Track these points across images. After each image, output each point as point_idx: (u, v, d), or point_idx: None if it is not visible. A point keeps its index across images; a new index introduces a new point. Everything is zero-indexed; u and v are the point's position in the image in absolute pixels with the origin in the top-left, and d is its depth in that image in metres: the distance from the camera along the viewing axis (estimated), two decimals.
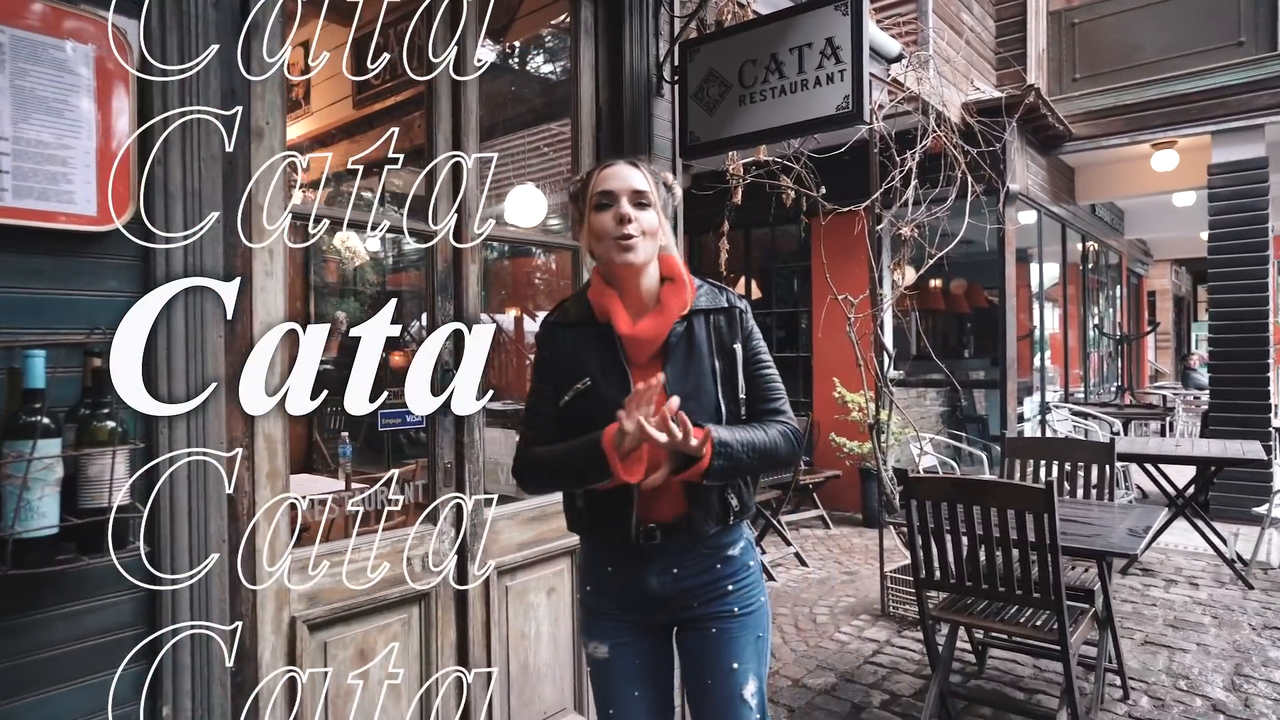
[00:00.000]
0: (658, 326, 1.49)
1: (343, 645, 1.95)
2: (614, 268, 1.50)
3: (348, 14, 1.85)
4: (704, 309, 1.54)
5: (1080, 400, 8.25)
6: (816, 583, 4.74)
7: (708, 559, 1.53)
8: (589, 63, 2.65)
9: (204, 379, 1.60)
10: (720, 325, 1.54)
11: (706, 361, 1.50)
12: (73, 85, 1.41)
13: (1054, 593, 2.49)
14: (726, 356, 1.52)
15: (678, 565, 1.52)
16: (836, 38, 2.42)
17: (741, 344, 1.55)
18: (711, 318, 1.54)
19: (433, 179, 2.18)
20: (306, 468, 4.52)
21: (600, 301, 1.52)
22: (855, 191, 4.48)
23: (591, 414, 1.47)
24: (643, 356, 1.51)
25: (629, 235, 1.45)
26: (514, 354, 7.08)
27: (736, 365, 1.53)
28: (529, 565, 2.41)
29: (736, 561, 1.56)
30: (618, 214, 1.46)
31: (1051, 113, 6.21)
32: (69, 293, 1.44)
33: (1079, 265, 8.94)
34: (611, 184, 1.49)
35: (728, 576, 1.54)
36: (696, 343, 1.51)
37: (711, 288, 1.59)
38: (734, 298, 1.59)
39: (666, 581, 1.52)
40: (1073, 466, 3.64)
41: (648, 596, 1.53)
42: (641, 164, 1.53)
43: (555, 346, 1.57)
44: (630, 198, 1.48)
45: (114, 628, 1.50)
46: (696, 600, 1.54)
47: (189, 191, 1.58)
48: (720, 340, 1.53)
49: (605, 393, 1.48)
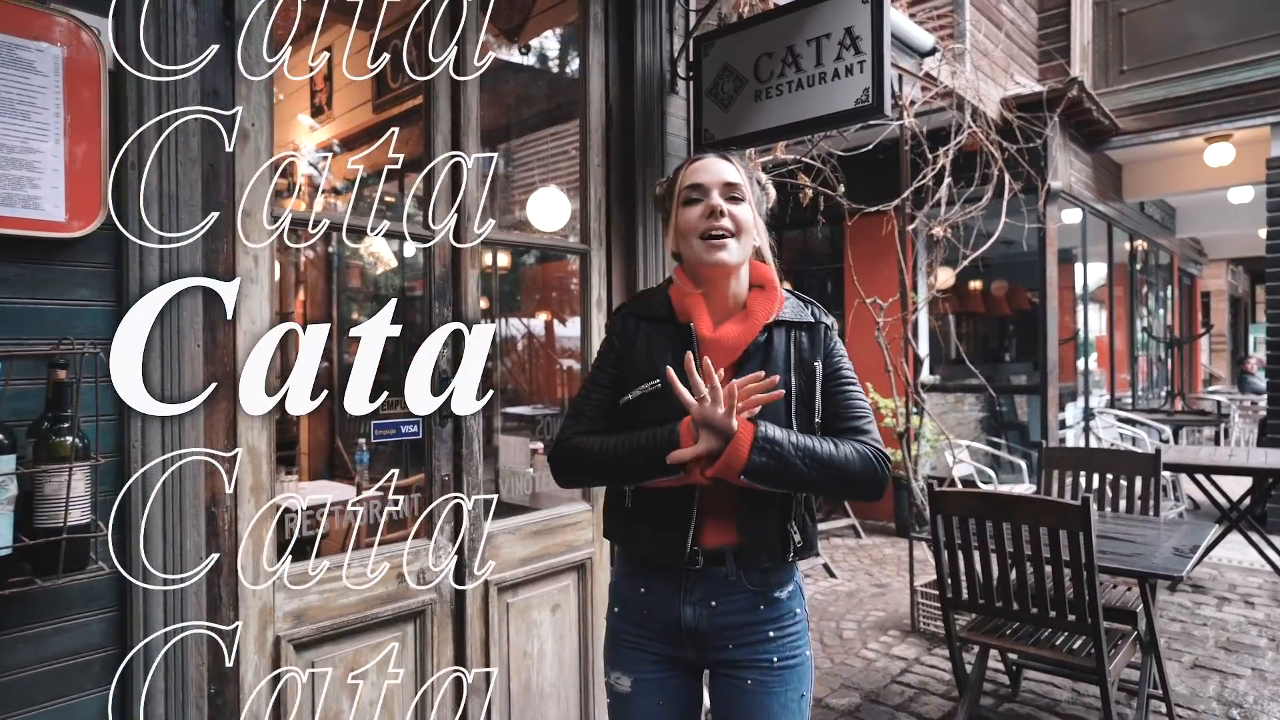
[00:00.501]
0: (742, 334, 1.37)
1: (332, 665, 1.88)
2: (702, 269, 1.38)
3: (347, 12, 1.77)
4: (787, 321, 1.41)
5: (1127, 406, 7.91)
6: (845, 595, 4.58)
7: (751, 598, 1.38)
8: (599, 60, 2.56)
9: (180, 390, 1.55)
10: (802, 341, 1.41)
11: (781, 378, 1.36)
12: (40, 87, 1.36)
13: (1090, 616, 2.32)
14: (805, 375, 1.39)
15: (716, 598, 1.38)
16: (856, 27, 2.30)
17: (822, 361, 1.41)
18: (793, 332, 1.41)
19: (431, 180, 2.11)
20: (328, 474, 4.51)
21: (682, 300, 1.41)
22: (888, 191, 4.32)
23: (654, 418, 1.35)
24: (719, 364, 1.36)
25: (721, 231, 1.34)
26: (544, 359, 7.04)
27: (815, 385, 1.39)
28: (532, 581, 2.33)
29: (782, 606, 1.40)
30: (708, 207, 1.35)
31: (1096, 106, 5.95)
32: (37, 302, 1.39)
33: (1127, 265, 8.59)
34: (701, 176, 1.38)
35: (770, 621, 1.39)
36: (774, 356, 1.39)
37: (798, 300, 1.46)
38: (820, 312, 1.46)
39: (702, 614, 1.38)
40: (1115, 478, 3.44)
41: (679, 627, 1.39)
42: (734, 157, 1.42)
43: (627, 338, 1.45)
44: (722, 191, 1.36)
45: (84, 649, 1.45)
46: (732, 641, 1.38)
47: (166, 196, 1.52)
48: (800, 356, 1.40)
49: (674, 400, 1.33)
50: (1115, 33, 6.75)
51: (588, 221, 2.54)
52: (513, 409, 6.60)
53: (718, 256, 1.33)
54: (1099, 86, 6.60)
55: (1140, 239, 8.63)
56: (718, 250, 1.33)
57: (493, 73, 3.75)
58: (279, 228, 1.67)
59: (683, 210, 1.37)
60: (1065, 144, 6.05)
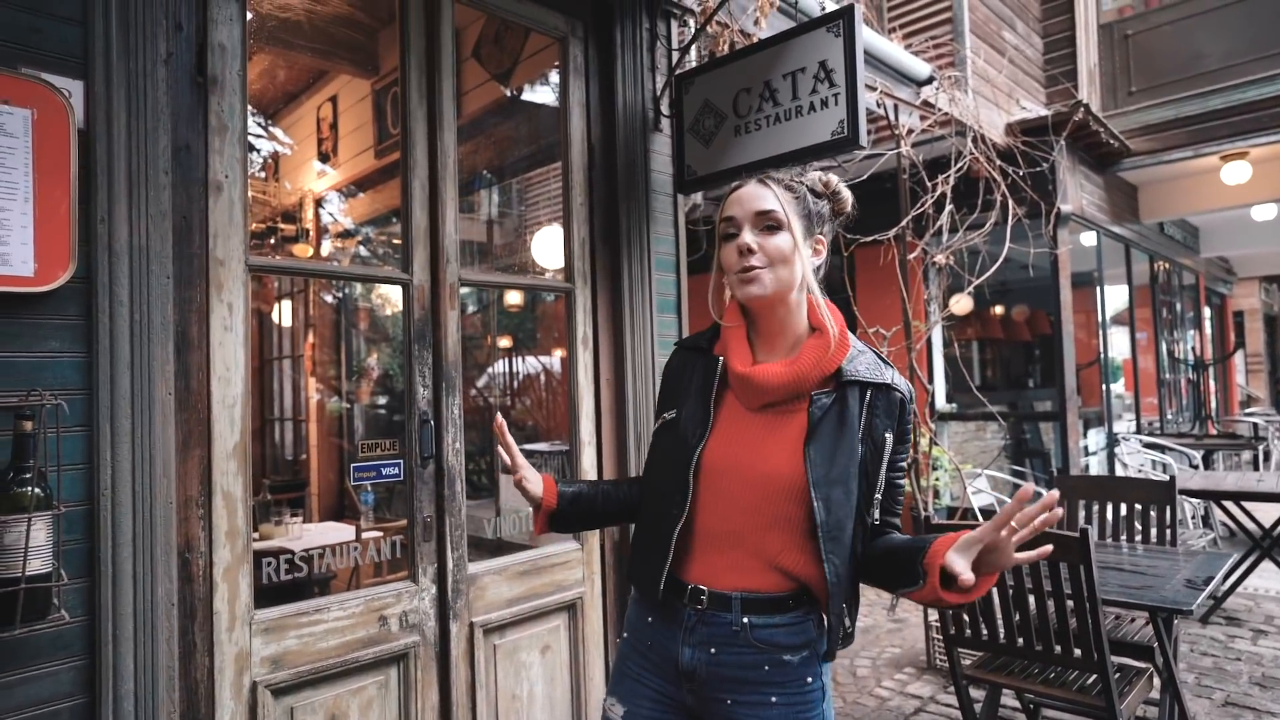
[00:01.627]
0: (781, 375, 1.27)
1: (311, 710, 1.87)
2: (747, 303, 1.33)
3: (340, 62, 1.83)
4: (862, 380, 1.28)
5: (1156, 431, 7.70)
6: (861, 631, 4.47)
7: (757, 655, 1.26)
8: (579, 101, 2.60)
9: (152, 439, 1.57)
10: (878, 406, 1.28)
11: (857, 445, 1.25)
12: (9, 148, 1.41)
13: (1097, 652, 2.24)
14: (874, 446, 1.27)
15: (717, 645, 1.28)
16: (830, 60, 2.31)
17: (894, 435, 1.28)
18: (869, 393, 1.28)
19: (409, 224, 2.14)
20: (337, 515, 4.54)
21: (725, 332, 1.36)
22: (892, 220, 4.30)
23: (667, 449, 1.33)
24: (753, 404, 1.30)
25: (750, 267, 1.26)
26: (561, 396, 7.06)
27: (882, 458, 1.27)
28: (520, 622, 2.30)
29: (790, 671, 1.26)
30: (739, 245, 1.28)
31: (1105, 129, 5.90)
32: (6, 355, 1.43)
33: (1149, 287, 8.44)
34: (734, 210, 1.31)
35: (775, 685, 1.26)
36: (848, 418, 1.26)
37: (876, 359, 1.33)
38: (898, 378, 1.32)
39: (700, 659, 1.28)
40: (1129, 507, 3.33)
41: (677, 667, 1.31)
42: (773, 181, 1.32)
43: (671, 372, 1.43)
44: (754, 222, 1.28)
45: (52, 698, 1.46)
46: (730, 695, 1.27)
47: (135, 249, 1.56)
48: (872, 423, 1.27)
49: (682, 428, 1.31)
50: (1122, 54, 6.71)
51: (571, 260, 2.56)
52: (529, 445, 6.62)
53: (748, 291, 1.28)
54: (1108, 108, 6.56)
55: (1161, 260, 8.48)
56: (749, 285, 1.27)
57: (487, 116, 3.84)
58: (239, 280, 1.70)
59: (723, 246, 1.32)
60: (1074, 167, 6.00)
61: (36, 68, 1.46)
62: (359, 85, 4.09)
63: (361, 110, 4.18)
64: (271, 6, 2.98)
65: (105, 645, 1.50)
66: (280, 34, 3.18)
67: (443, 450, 2.14)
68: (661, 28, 2.76)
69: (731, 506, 1.27)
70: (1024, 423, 7.11)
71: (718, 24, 2.91)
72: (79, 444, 1.49)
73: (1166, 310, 8.89)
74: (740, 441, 1.29)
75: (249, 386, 1.80)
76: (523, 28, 2.71)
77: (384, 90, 3.96)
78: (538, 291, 5.78)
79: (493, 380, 6.83)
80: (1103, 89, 6.68)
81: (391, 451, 2.13)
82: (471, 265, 4.31)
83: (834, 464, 1.24)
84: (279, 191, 4.77)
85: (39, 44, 1.48)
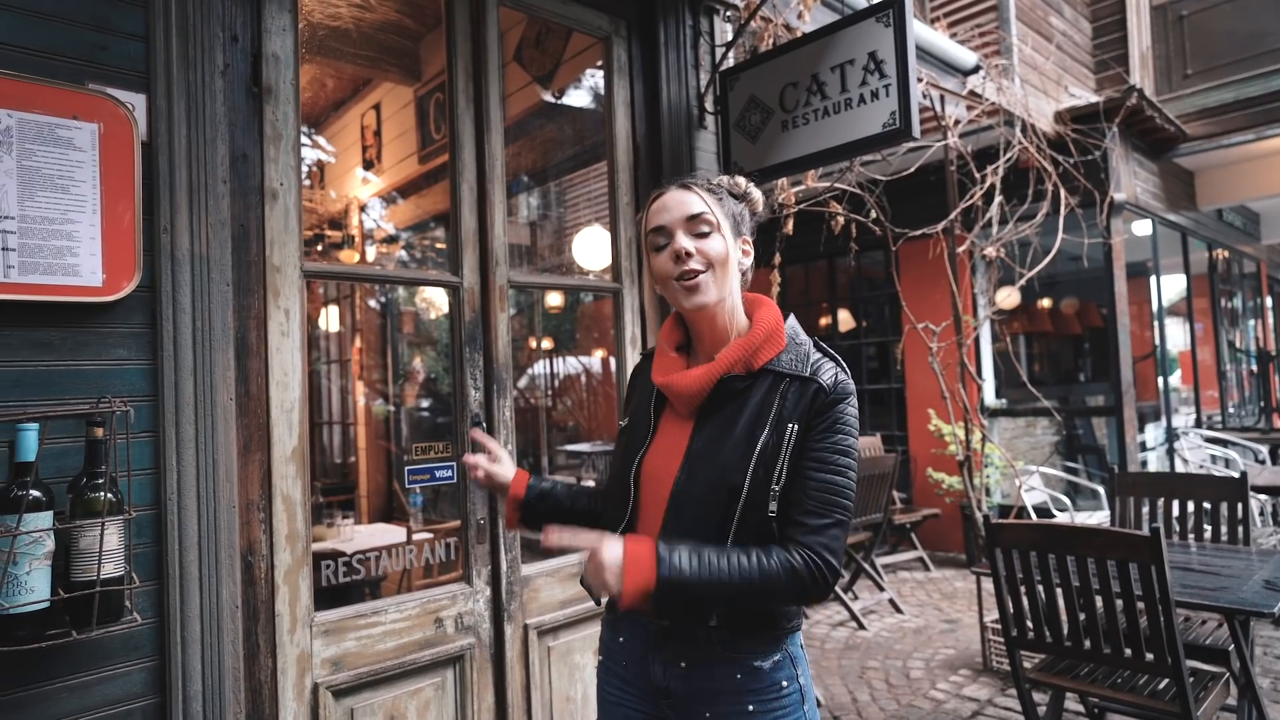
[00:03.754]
0: (693, 381, 1.24)
1: (371, 712, 1.89)
2: (687, 314, 1.29)
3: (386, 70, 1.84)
4: (781, 371, 1.23)
5: (1217, 425, 7.43)
6: (912, 632, 4.38)
7: (726, 665, 1.21)
8: (624, 100, 2.59)
9: (214, 444, 1.60)
10: (789, 396, 1.21)
11: (754, 429, 1.20)
12: (78, 162, 1.45)
13: (1170, 656, 2.15)
14: (778, 434, 1.20)
15: (687, 659, 1.23)
16: (880, 51, 2.26)
17: (804, 425, 1.20)
18: (784, 384, 1.22)
19: (458, 227, 2.15)
20: (385, 517, 4.60)
21: (659, 342, 1.37)
22: (938, 214, 4.22)
23: (617, 457, 1.35)
24: (683, 409, 1.28)
25: (691, 272, 1.22)
26: (603, 396, 7.07)
27: (782, 446, 1.19)
28: (572, 624, 2.30)
29: (764, 678, 1.22)
30: (674, 251, 1.23)
31: (1159, 113, 5.70)
32: (77, 363, 1.47)
33: (1207, 276, 8.14)
34: (662, 218, 1.26)
35: (750, 693, 1.21)
36: (749, 405, 1.22)
37: (811, 355, 1.26)
38: (826, 373, 1.23)
39: (673, 675, 1.24)
40: (1197, 505, 3.21)
41: (653, 686, 1.27)
42: (695, 184, 1.29)
43: (632, 379, 1.46)
44: (686, 228, 1.24)
45: (125, 698, 1.49)
46: (707, 709, 1.23)
47: (197, 257, 1.59)
48: (781, 413, 1.21)
49: (630, 436, 1.34)
50: (1177, 36, 6.48)
51: (619, 259, 2.55)
52: (571, 446, 6.64)
53: (695, 300, 1.23)
54: (1162, 92, 6.34)
55: (1220, 248, 8.18)
56: (694, 294, 1.23)
57: (530, 119, 3.85)
58: (295, 286, 1.72)
59: (653, 257, 1.28)
60: (1127, 154, 5.82)
61: (103, 83, 1.50)
62: (402, 92, 4.14)
63: (405, 116, 4.23)
64: (322, 15, 3.03)
65: (174, 647, 1.53)
66: (329, 42, 3.23)
67: None
68: (704, 24, 2.74)
69: (672, 513, 1.23)
70: (1076, 418, 6.92)
71: (761, 19, 2.87)
72: (146, 449, 1.52)
73: (1226, 300, 8.58)
74: (674, 449, 1.27)
75: (305, 391, 1.82)
76: (565, 29, 2.71)
77: (427, 96, 4.00)
78: (584, 292, 5.80)
79: (534, 381, 6.86)
80: (1156, 72, 6.46)
81: (444, 454, 2.14)
82: (518, 267, 4.33)
83: (720, 443, 1.21)
84: (325, 199, 4.86)
85: (105, 60, 1.51)
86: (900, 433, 6.64)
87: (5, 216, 1.37)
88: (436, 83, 3.86)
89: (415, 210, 4.72)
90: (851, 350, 7.26)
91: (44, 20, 1.46)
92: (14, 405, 1.39)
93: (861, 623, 4.49)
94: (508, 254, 2.21)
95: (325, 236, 4.74)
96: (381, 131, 4.46)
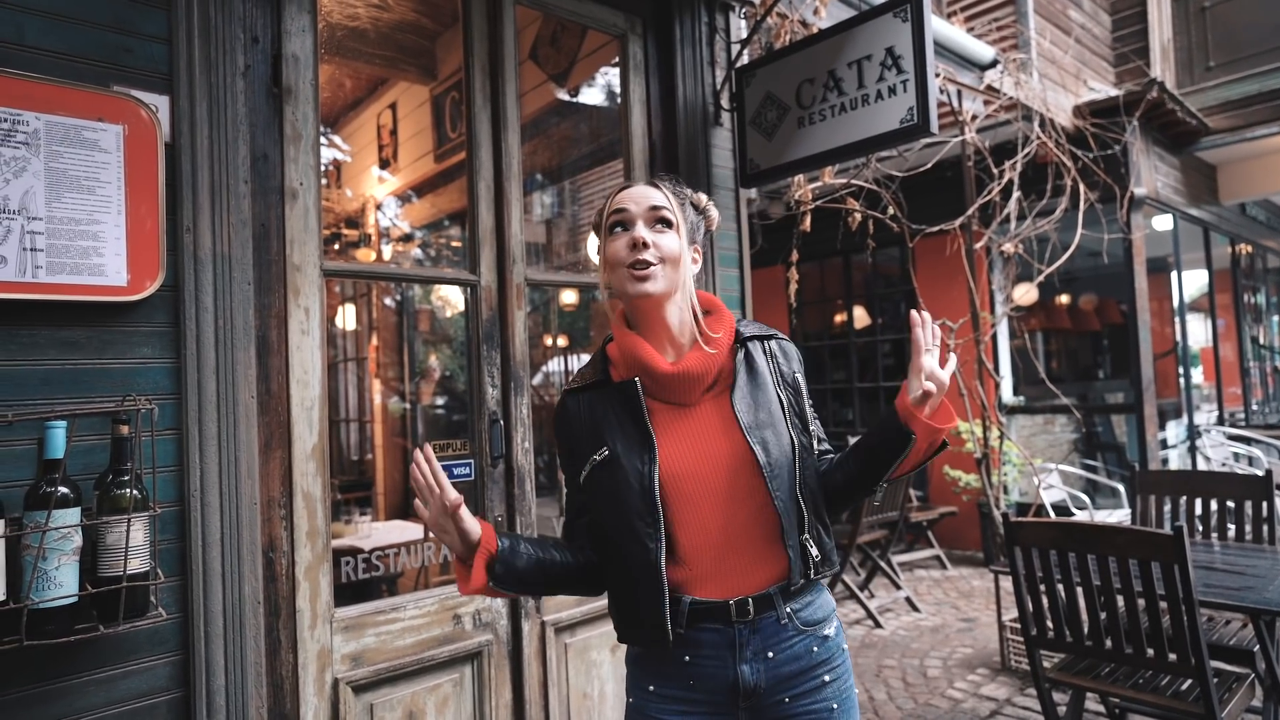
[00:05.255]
0: (706, 360, 1.28)
1: (390, 707, 1.90)
2: (631, 302, 1.28)
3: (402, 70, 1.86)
4: (756, 335, 1.37)
5: (1240, 422, 7.33)
6: (929, 631, 4.36)
7: (804, 639, 1.27)
8: (639, 97, 2.59)
9: (236, 441, 1.61)
10: (776, 352, 1.36)
11: (773, 391, 1.31)
12: (103, 163, 1.47)
13: (1194, 657, 2.13)
14: (790, 387, 1.34)
15: (773, 648, 1.25)
16: (897, 47, 2.25)
17: (802, 376, 1.38)
18: (766, 344, 1.37)
19: (476, 225, 2.16)
20: (402, 514, 4.63)
21: (624, 349, 1.29)
22: (955, 210, 4.19)
23: (609, 488, 1.24)
24: (691, 396, 1.28)
25: (644, 262, 1.24)
26: None
27: (803, 396, 1.35)
28: (589, 621, 2.30)
29: (832, 644, 1.30)
30: (631, 239, 1.26)
31: (1180, 106, 5.63)
32: (103, 362, 1.49)
33: (1230, 271, 8.04)
34: (625, 204, 1.29)
35: (823, 664, 1.28)
36: (758, 369, 1.32)
37: (750, 321, 1.42)
38: (777, 332, 1.42)
39: (760, 669, 1.24)
40: (1220, 504, 3.17)
41: (735, 690, 1.24)
42: (663, 183, 1.33)
43: (566, 422, 1.34)
44: (647, 219, 1.27)
45: (150, 692, 1.51)
46: (788, 693, 1.25)
47: (219, 256, 1.61)
48: (779, 368, 1.35)
49: (625, 462, 1.24)
50: (1199, 28, 6.40)
51: None
52: None
53: (641, 288, 1.25)
54: (1183, 86, 6.26)
55: (1243, 243, 8.07)
56: (642, 282, 1.24)
57: (546, 117, 3.86)
58: (315, 285, 1.73)
59: (609, 241, 1.29)
60: (1148, 148, 5.75)
61: (127, 85, 1.52)
62: (418, 91, 4.16)
63: (421, 116, 4.25)
64: (340, 16, 3.05)
65: (198, 642, 1.55)
66: (347, 42, 3.25)
67: (512, 450, 2.16)
68: (720, 21, 2.73)
69: (713, 506, 1.23)
70: (1095, 416, 6.85)
71: (777, 15, 2.86)
72: (170, 447, 1.54)
73: (1249, 295, 8.46)
74: (689, 441, 1.26)
75: (325, 389, 1.84)
76: (580, 27, 2.71)
77: (443, 95, 4.01)
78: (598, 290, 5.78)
79: (549, 378, 6.88)
80: (1178, 65, 6.38)
81: (462, 451, 2.15)
82: (534, 265, 4.34)
83: (758, 409, 1.28)
84: (342, 198, 4.89)
85: (129, 62, 1.53)
86: None
87: (33, 218, 1.39)
88: (452, 81, 3.87)
89: (431, 209, 4.74)
90: (867, 347, 7.23)
91: (69, 23, 1.48)
92: (42, 403, 1.41)
93: (878, 621, 4.47)
94: (524, 252, 2.21)
95: (342, 235, 4.77)
96: (398, 130, 4.48)
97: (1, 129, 1.37)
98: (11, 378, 1.39)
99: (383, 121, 4.57)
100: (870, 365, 7.19)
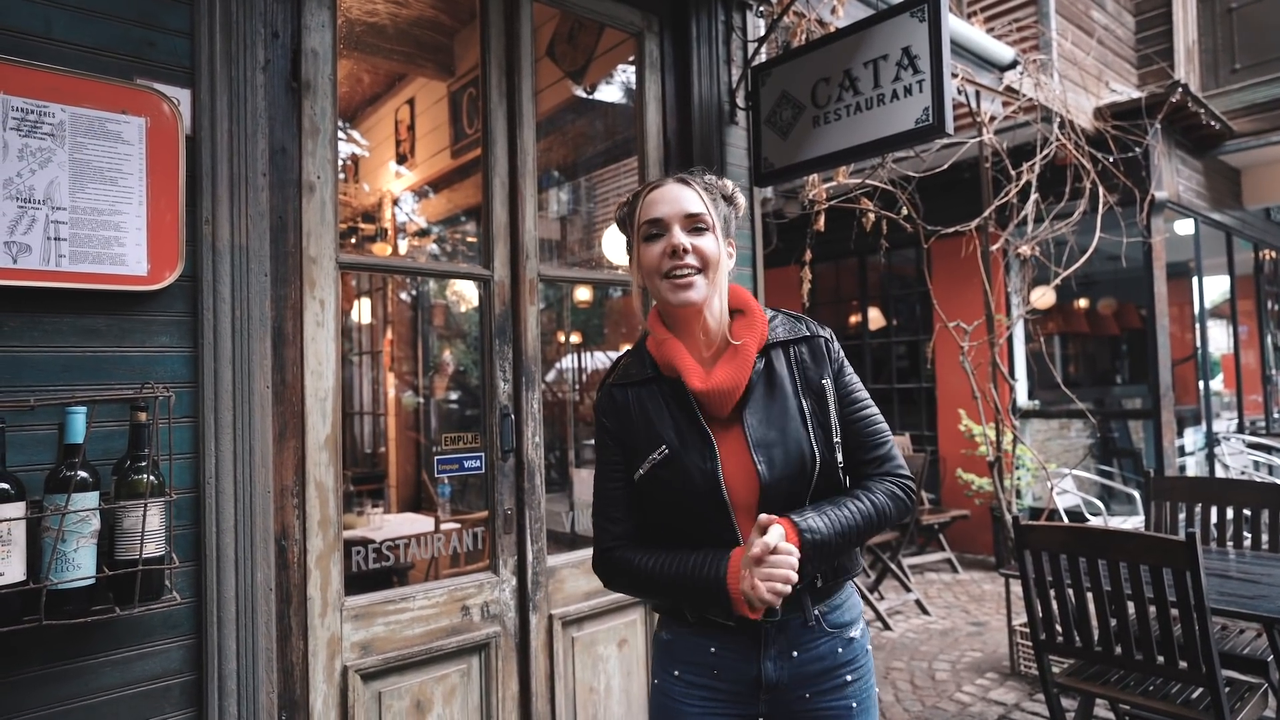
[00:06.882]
0: (736, 374, 1.26)
1: (398, 696, 1.93)
2: (671, 309, 1.29)
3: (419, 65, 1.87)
4: (783, 340, 1.32)
5: (1261, 430, 7.24)
6: (939, 634, 4.35)
7: (829, 640, 1.30)
8: (655, 95, 2.59)
9: (251, 430, 1.64)
10: (804, 358, 1.32)
11: (791, 401, 1.28)
12: (126, 155, 1.49)
13: (1205, 665, 2.11)
14: (815, 394, 1.30)
15: (798, 647, 1.29)
16: (914, 47, 2.24)
17: (832, 379, 1.31)
18: (793, 349, 1.32)
19: (489, 221, 2.18)
20: (414, 507, 4.67)
21: (662, 353, 1.30)
22: (972, 211, 4.16)
23: (674, 488, 1.26)
24: (724, 409, 1.28)
25: (685, 269, 1.24)
26: None
27: (828, 404, 1.30)
28: (597, 615, 2.32)
29: (856, 646, 1.33)
30: (670, 245, 1.25)
31: (1205, 109, 5.56)
32: (122, 350, 1.52)
33: (1253, 277, 7.93)
34: (661, 209, 1.27)
35: (847, 664, 1.31)
36: (778, 380, 1.29)
37: (787, 317, 1.37)
38: (815, 326, 1.36)
39: (784, 667, 1.28)
40: (1237, 512, 3.14)
41: (758, 685, 1.29)
42: (694, 180, 1.31)
43: (618, 413, 1.34)
44: (683, 224, 1.26)
45: (163, 674, 1.54)
46: (810, 690, 1.29)
47: (237, 247, 1.63)
48: (805, 375, 1.31)
49: (686, 461, 1.25)
50: (1225, 30, 6.31)
51: None
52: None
53: (685, 296, 1.25)
54: (1208, 88, 6.18)
55: (1268, 248, 7.96)
56: (684, 290, 1.24)
57: (561, 114, 3.87)
58: (330, 278, 1.75)
59: (644, 247, 1.29)
60: (1170, 151, 5.68)
61: (150, 78, 1.54)
62: (436, 87, 4.18)
63: (438, 111, 4.28)
64: (359, 11, 3.08)
65: (210, 626, 1.58)
66: (366, 38, 3.28)
67: (523, 444, 2.18)
68: (737, 20, 2.73)
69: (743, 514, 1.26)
70: (1111, 421, 6.78)
71: (794, 14, 2.86)
72: (186, 434, 1.57)
73: (1273, 302, 8.34)
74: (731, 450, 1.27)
75: (339, 380, 1.86)
76: (597, 24, 2.72)
77: (460, 91, 4.03)
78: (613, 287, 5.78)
79: (562, 375, 6.90)
80: (1202, 67, 6.30)
81: (473, 444, 2.17)
82: (548, 261, 4.36)
83: (769, 425, 1.27)
84: (359, 192, 4.93)
85: (152, 56, 1.56)
86: (930, 432, 6.57)
87: (57, 207, 1.42)
88: (469, 78, 3.89)
89: (447, 204, 4.77)
90: (881, 349, 7.20)
91: (95, 18, 1.51)
92: (63, 389, 1.44)
93: (887, 623, 4.46)
94: (538, 248, 2.23)
95: (359, 229, 4.81)
96: (415, 126, 4.51)
97: (28, 121, 1.39)
98: (34, 363, 1.42)
99: (400, 117, 4.60)
100: (885, 367, 7.17)
